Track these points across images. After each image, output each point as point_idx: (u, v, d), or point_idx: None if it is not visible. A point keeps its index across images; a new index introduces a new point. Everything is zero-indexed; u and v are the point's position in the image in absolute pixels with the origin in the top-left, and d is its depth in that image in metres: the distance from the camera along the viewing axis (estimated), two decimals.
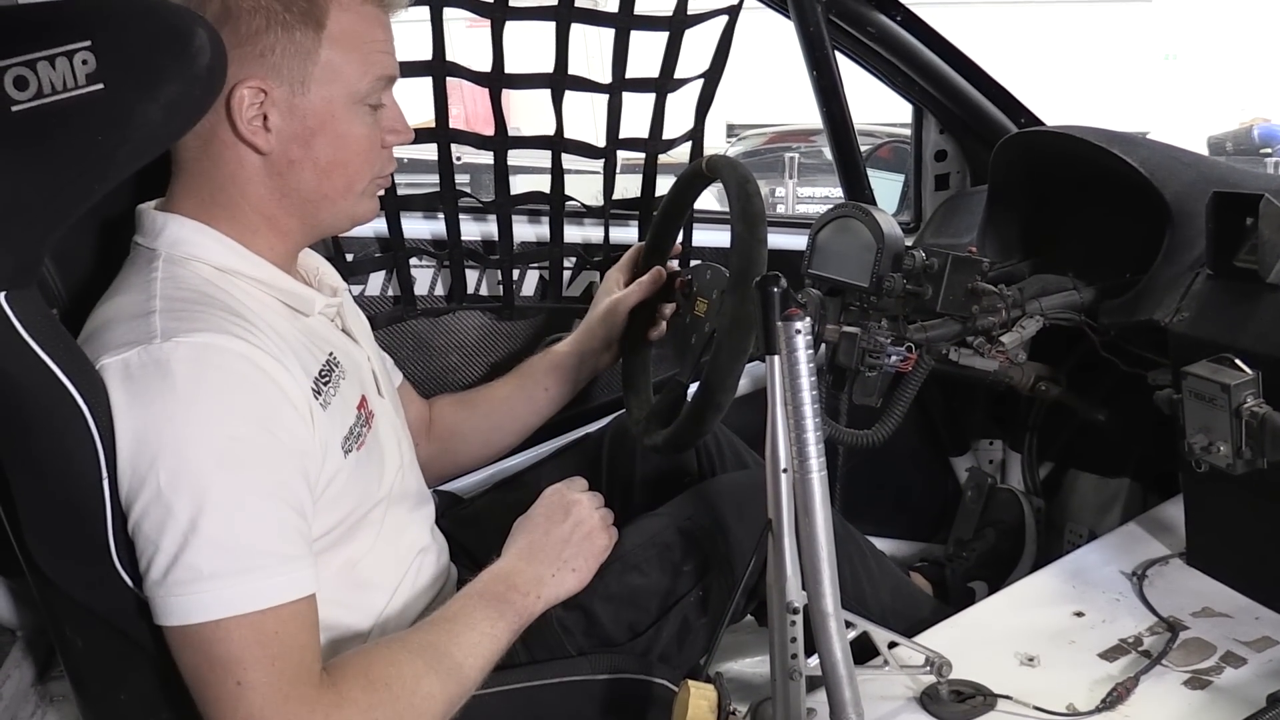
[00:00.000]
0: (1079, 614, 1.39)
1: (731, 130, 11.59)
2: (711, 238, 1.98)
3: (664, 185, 1.68)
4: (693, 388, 1.39)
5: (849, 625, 1.20)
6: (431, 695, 1.06)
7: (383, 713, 1.01)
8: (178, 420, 0.96)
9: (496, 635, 1.15)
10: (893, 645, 1.25)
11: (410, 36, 1.48)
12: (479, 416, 1.57)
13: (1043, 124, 2.07)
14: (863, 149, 2.56)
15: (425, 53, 1.67)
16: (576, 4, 1.71)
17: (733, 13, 1.80)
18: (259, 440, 1.00)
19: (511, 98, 1.77)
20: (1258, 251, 1.27)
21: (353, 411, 1.17)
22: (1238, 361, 1.23)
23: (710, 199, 1.45)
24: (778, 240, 1.99)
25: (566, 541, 1.26)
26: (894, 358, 1.50)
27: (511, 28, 1.70)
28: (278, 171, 1.11)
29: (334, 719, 0.98)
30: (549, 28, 1.71)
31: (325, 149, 1.12)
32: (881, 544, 2.05)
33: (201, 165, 1.11)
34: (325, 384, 1.12)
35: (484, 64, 1.74)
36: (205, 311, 1.03)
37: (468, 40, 1.74)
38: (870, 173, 2.22)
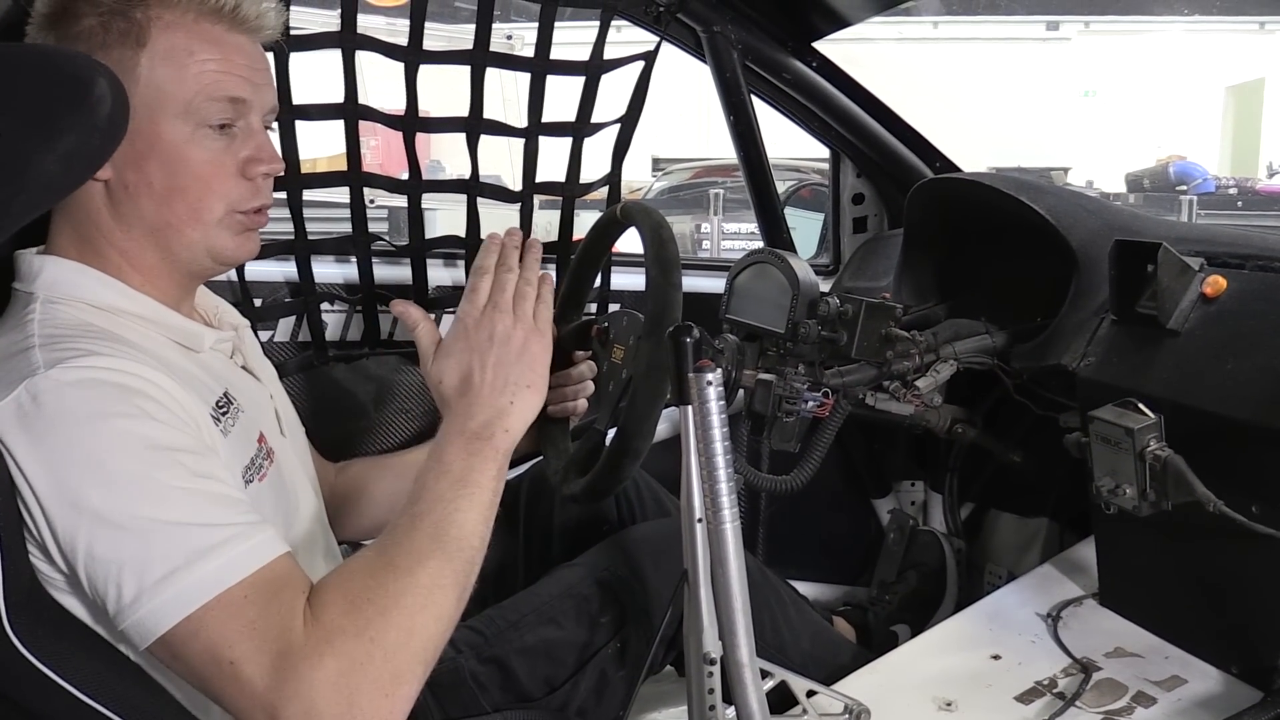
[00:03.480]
0: (996, 657, 1.40)
1: (657, 164, 11.67)
2: (631, 281, 1.98)
3: (586, 220, 1.68)
4: (611, 434, 1.38)
5: (767, 674, 1.20)
6: (420, 590, 0.97)
7: (376, 628, 0.93)
8: (88, 443, 0.92)
9: (482, 489, 1.07)
10: (811, 694, 1.25)
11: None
12: (390, 478, 1.52)
13: (957, 169, 2.11)
14: (787, 184, 2.59)
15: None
16: (492, 48, 1.70)
17: (649, 59, 1.81)
18: (176, 437, 0.96)
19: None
20: (1157, 298, 1.30)
21: (253, 444, 1.13)
22: (1141, 406, 1.26)
23: (632, 240, 1.45)
24: (698, 283, 2.01)
25: (506, 363, 1.14)
26: (810, 403, 1.50)
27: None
28: (119, 200, 1.07)
29: (329, 654, 0.90)
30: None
31: (159, 173, 1.07)
32: (805, 588, 2.06)
33: (64, 202, 1.07)
34: (223, 415, 1.08)
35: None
36: (88, 342, 0.99)
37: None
38: (791, 212, 2.25)
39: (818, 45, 2.01)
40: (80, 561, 0.91)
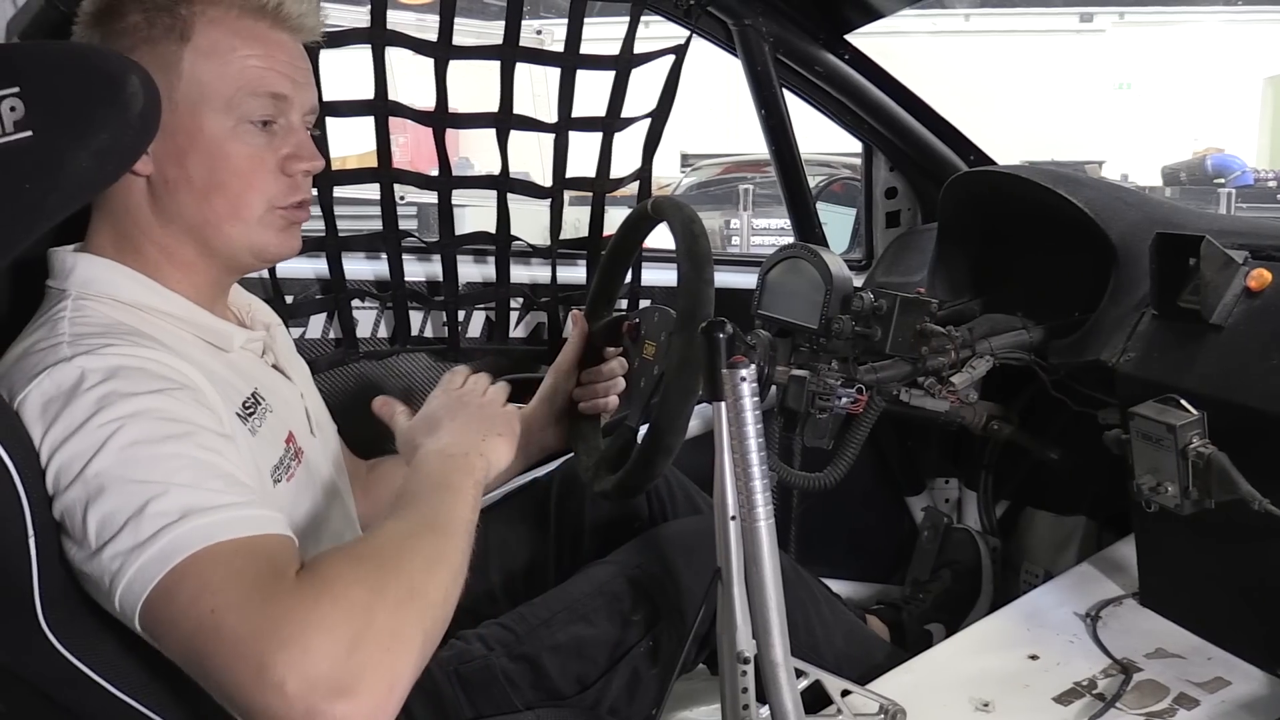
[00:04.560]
0: (1034, 657, 1.38)
1: (686, 160, 11.62)
2: (662, 277, 1.97)
3: (616, 216, 1.67)
4: (642, 431, 1.37)
5: (801, 674, 1.19)
6: (421, 558, 0.93)
7: (376, 580, 0.87)
8: (104, 414, 0.90)
9: (461, 492, 1.05)
10: (845, 693, 1.24)
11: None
12: None
13: (992, 162, 2.08)
14: (818, 179, 2.57)
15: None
16: (522, 43, 1.69)
17: (679, 53, 1.80)
18: (194, 415, 0.94)
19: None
20: (1200, 292, 1.28)
21: (281, 444, 1.13)
22: (1183, 402, 1.23)
23: (663, 236, 1.44)
24: (729, 279, 2.00)
25: (475, 419, 1.20)
26: (844, 400, 1.49)
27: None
28: (159, 195, 1.08)
29: (326, 597, 0.84)
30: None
31: (200, 168, 1.07)
32: (837, 586, 2.04)
33: (102, 198, 1.08)
34: (251, 415, 1.08)
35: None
36: (117, 338, 0.98)
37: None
38: (823, 207, 2.23)
39: (849, 38, 1.99)
40: (75, 537, 0.89)
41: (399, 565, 0.90)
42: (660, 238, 1.52)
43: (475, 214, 2.59)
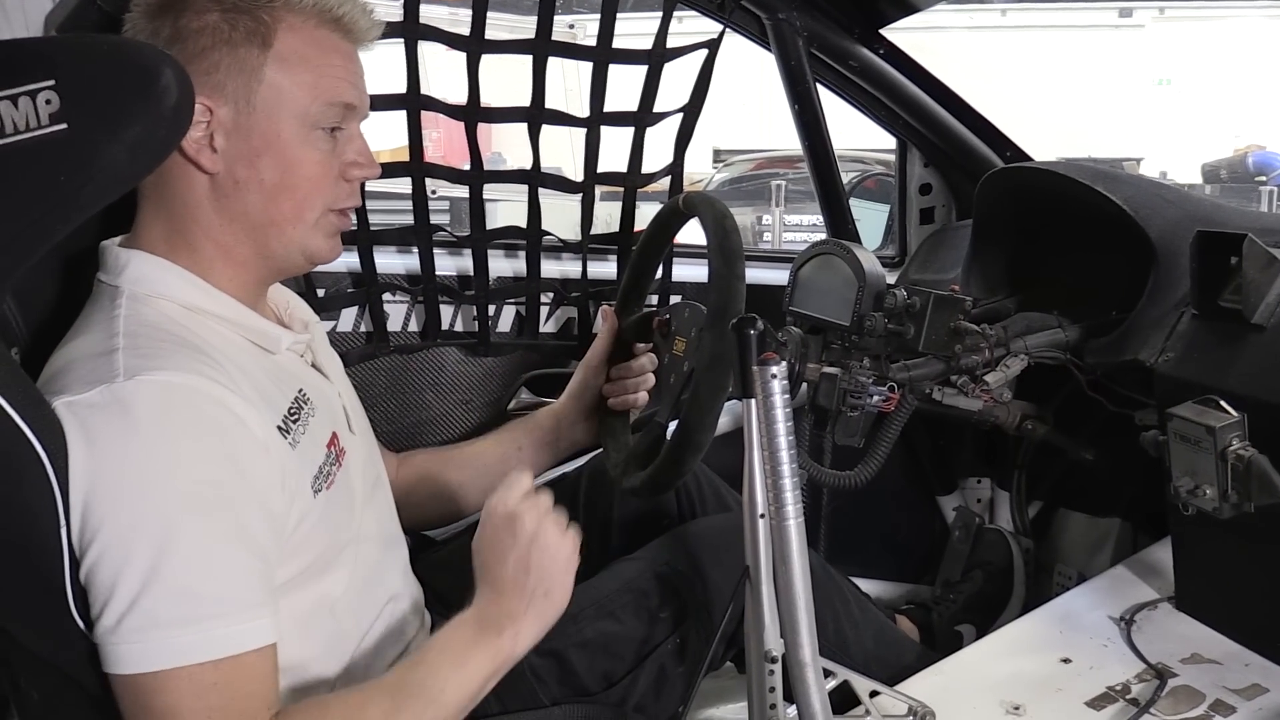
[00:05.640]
0: (1066, 660, 1.36)
1: (718, 156, 11.61)
2: (692, 273, 1.96)
3: (647, 212, 1.66)
4: (672, 427, 1.36)
5: (829, 674, 1.18)
6: None
7: None
8: (140, 462, 0.93)
9: (475, 672, 1.09)
10: (874, 694, 1.23)
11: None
12: (452, 469, 1.53)
13: (1028, 158, 2.06)
14: (851, 176, 2.56)
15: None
16: (554, 37, 1.69)
17: (712, 47, 1.79)
18: (224, 482, 0.97)
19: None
20: (1242, 291, 1.25)
21: (322, 450, 1.14)
22: (1223, 403, 1.21)
23: (694, 231, 1.44)
24: (760, 275, 1.98)
25: (526, 568, 1.12)
26: (876, 398, 1.47)
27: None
28: (224, 194, 1.09)
29: None
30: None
31: (271, 170, 1.09)
32: (867, 585, 2.03)
33: (158, 192, 1.09)
34: (294, 422, 1.09)
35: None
36: (169, 349, 1.00)
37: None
38: (856, 203, 2.21)
39: (884, 32, 1.97)
40: (85, 565, 0.93)
41: None
42: (692, 233, 1.51)
43: (507, 208, 2.59)
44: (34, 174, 0.89)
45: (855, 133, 2.51)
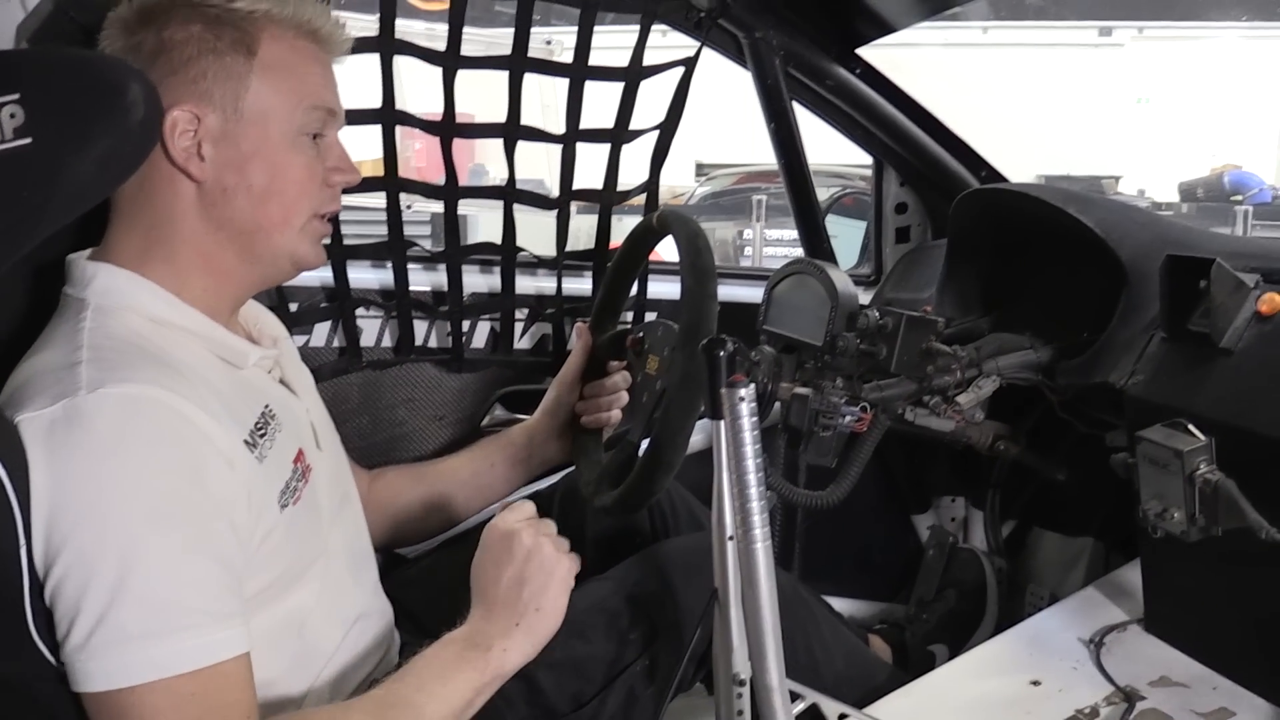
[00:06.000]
0: (1035, 683, 1.36)
1: (700, 170, 11.63)
2: (668, 290, 1.96)
3: (626, 226, 1.66)
4: (644, 445, 1.36)
5: (798, 696, 1.18)
6: None
7: None
8: (103, 476, 0.93)
9: (464, 688, 1.10)
10: (843, 717, 1.23)
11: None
12: (424, 486, 1.54)
13: (1003, 178, 2.07)
14: (830, 191, 2.55)
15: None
16: (531, 53, 1.69)
17: (689, 65, 1.79)
18: (189, 495, 0.97)
19: None
20: (1211, 315, 1.26)
21: (289, 466, 1.14)
22: (1191, 427, 1.21)
23: (670, 248, 1.44)
24: (736, 292, 1.99)
25: (522, 582, 1.15)
26: (848, 418, 1.47)
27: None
28: (212, 201, 1.10)
29: None
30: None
31: (260, 175, 1.11)
32: (841, 604, 2.02)
33: (137, 203, 1.09)
34: (260, 437, 1.09)
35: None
36: (134, 361, 1.00)
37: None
38: (834, 219, 2.21)
39: (861, 51, 1.98)
40: (50, 584, 0.92)
41: None
42: (668, 250, 1.51)
43: (490, 221, 2.58)
44: None
45: (837, 149, 2.52)
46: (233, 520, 1.01)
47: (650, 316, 1.90)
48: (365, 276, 1.81)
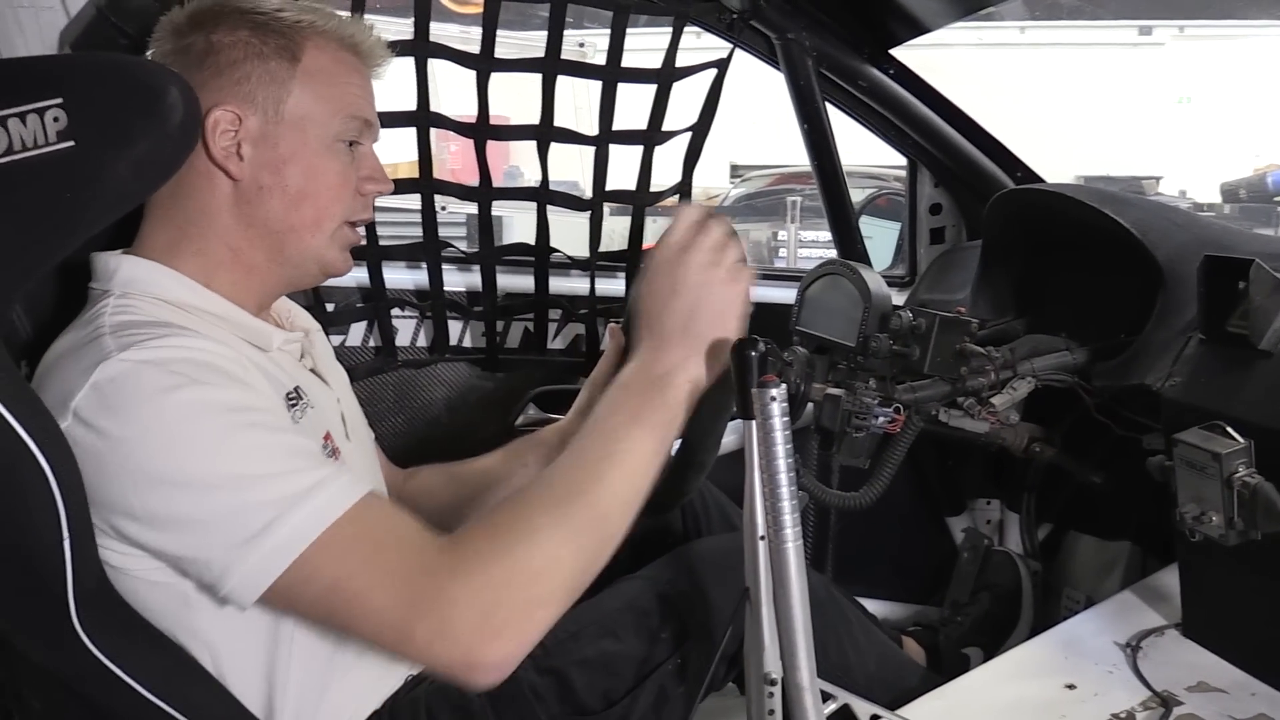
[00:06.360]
0: (1071, 686, 1.34)
1: (735, 171, 11.57)
2: None
3: (656, 229, 1.66)
4: (676, 445, 1.36)
5: (829, 697, 1.18)
6: (569, 521, 1.00)
7: (519, 554, 0.96)
8: (167, 414, 0.94)
9: (652, 430, 1.09)
10: (875, 718, 1.22)
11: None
12: (458, 486, 1.53)
13: (1039, 178, 2.05)
14: (865, 192, 2.54)
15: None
16: (563, 56, 1.70)
17: (721, 66, 1.79)
18: (250, 400, 0.99)
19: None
20: (1249, 317, 1.24)
21: (319, 439, 1.15)
22: (1229, 430, 1.20)
23: None
24: (769, 293, 1.98)
25: (697, 309, 1.12)
26: (881, 419, 1.47)
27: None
28: (247, 199, 1.12)
29: (466, 572, 0.94)
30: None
31: (295, 178, 1.13)
32: (874, 606, 2.01)
33: (173, 199, 1.11)
34: (293, 406, 1.11)
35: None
36: (158, 331, 1.01)
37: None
38: (868, 221, 2.20)
39: (894, 52, 1.97)
40: (169, 533, 0.94)
41: (534, 540, 0.98)
42: None
43: (524, 222, 2.60)
44: (40, 190, 0.90)
45: (872, 150, 2.52)
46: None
47: None
48: (400, 277, 1.83)
